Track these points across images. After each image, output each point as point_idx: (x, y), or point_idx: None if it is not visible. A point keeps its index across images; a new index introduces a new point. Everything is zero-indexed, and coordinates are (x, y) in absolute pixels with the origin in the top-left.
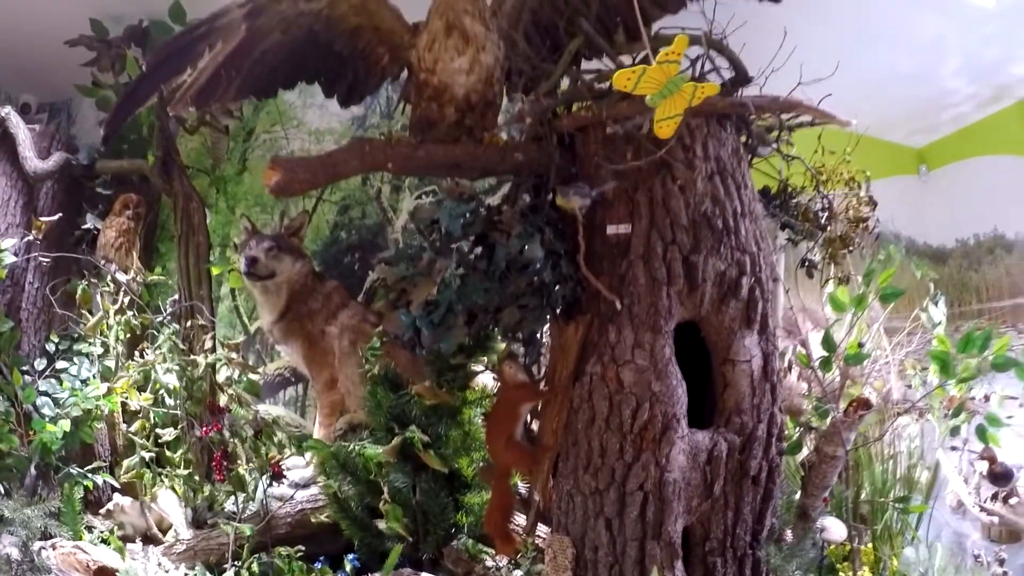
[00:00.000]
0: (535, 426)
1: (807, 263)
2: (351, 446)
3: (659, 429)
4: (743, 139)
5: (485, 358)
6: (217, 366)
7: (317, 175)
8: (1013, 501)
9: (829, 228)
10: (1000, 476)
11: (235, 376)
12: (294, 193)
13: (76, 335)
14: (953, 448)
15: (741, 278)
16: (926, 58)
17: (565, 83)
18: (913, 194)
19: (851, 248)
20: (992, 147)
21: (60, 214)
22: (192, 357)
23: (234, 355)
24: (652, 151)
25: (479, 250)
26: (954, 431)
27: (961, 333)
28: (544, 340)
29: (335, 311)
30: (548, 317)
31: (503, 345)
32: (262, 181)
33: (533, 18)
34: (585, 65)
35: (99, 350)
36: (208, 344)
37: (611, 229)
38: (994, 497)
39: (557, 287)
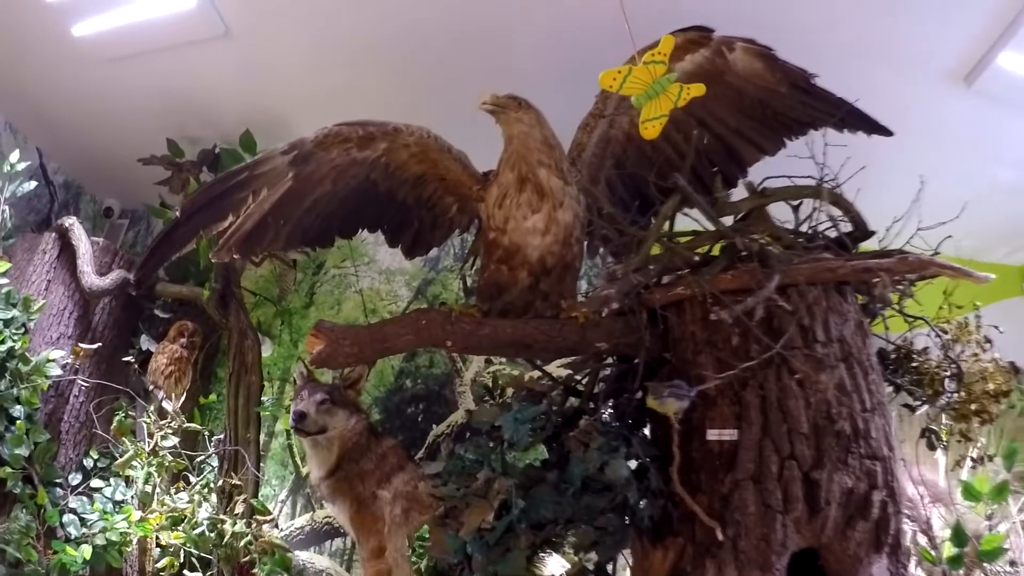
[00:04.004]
0: None
1: (929, 434)
2: None
3: None
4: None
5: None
6: (244, 541)
7: (364, 349)
8: None
9: (959, 396)
10: None
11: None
12: (338, 366)
13: (120, 452)
14: None
15: (872, 493)
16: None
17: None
18: (1021, 316)
19: (990, 423)
20: None
21: (99, 343)
22: (222, 516)
23: (265, 528)
24: (765, 340)
25: (548, 451)
26: None
27: None
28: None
29: (389, 474)
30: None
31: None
32: (305, 348)
33: (616, 167)
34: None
35: (140, 473)
36: (240, 507)
37: (713, 435)
38: None
39: (643, 503)
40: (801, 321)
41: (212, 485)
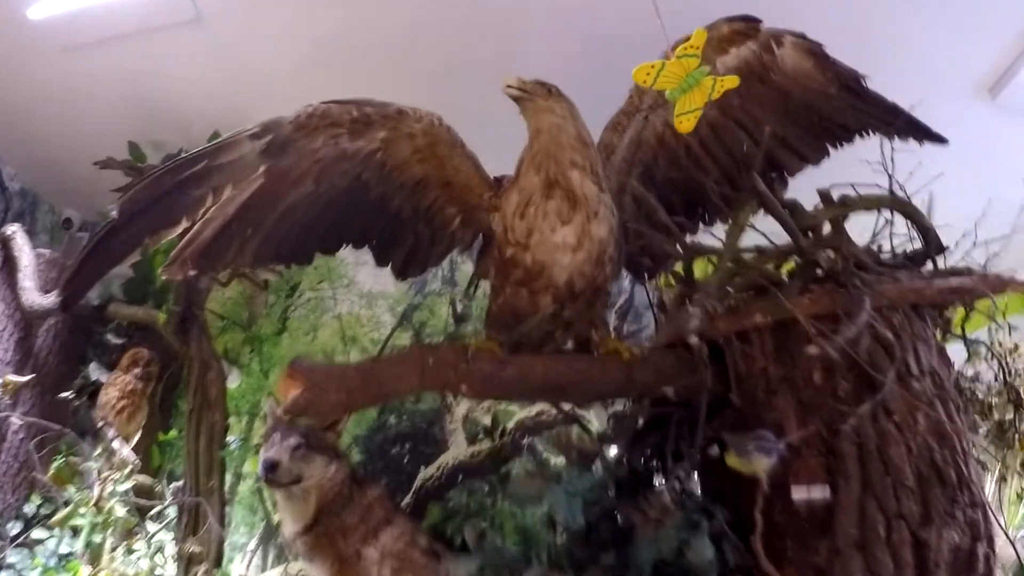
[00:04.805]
0: None
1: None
2: None
3: None
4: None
5: None
6: None
7: (354, 396)
8: None
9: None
10: None
11: None
12: (321, 416)
13: (65, 499)
14: None
15: (975, 546)
16: None
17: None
18: None
19: None
20: None
21: (33, 375)
22: None
23: None
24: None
25: (600, 526)
26: None
27: None
28: None
29: (376, 529)
30: None
31: None
32: (278, 392)
33: (644, 174)
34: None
35: (87, 520)
36: None
37: (799, 493)
38: None
39: None
40: (891, 351)
41: (167, 547)
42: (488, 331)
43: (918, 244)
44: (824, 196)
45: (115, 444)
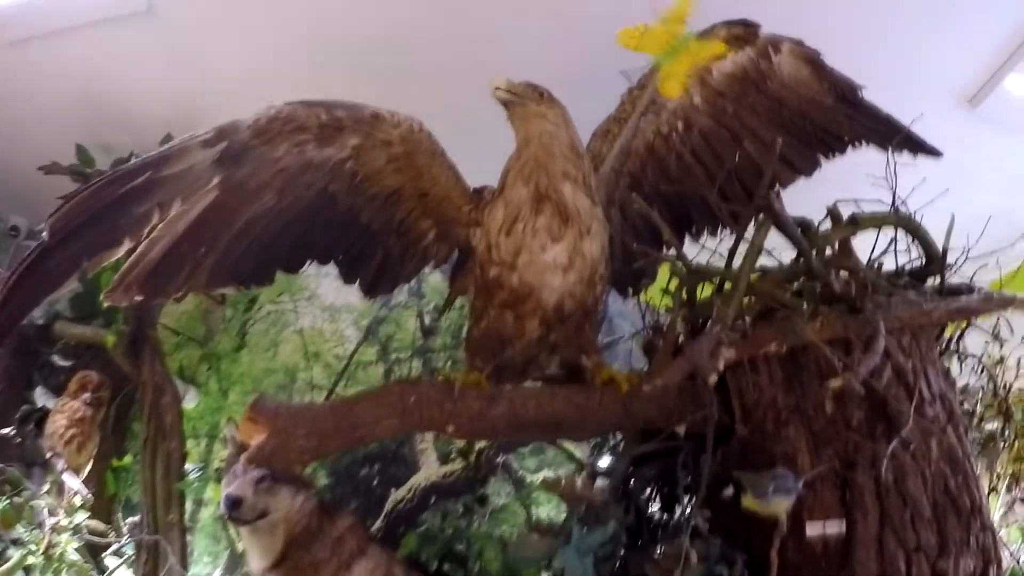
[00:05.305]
0: None
1: None
2: None
3: None
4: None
5: None
6: None
7: (326, 440)
8: None
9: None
10: None
11: None
12: (289, 464)
13: (13, 538)
14: None
15: (988, 571)
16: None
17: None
18: None
19: None
20: None
21: None
22: None
23: None
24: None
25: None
26: None
27: None
28: None
29: (348, 562)
30: None
31: None
32: (240, 438)
33: (632, 186)
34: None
35: (38, 562)
36: None
37: (813, 530)
38: None
39: None
40: (904, 378)
41: None
42: (470, 359)
43: (906, 259)
44: (833, 214)
45: (65, 477)
